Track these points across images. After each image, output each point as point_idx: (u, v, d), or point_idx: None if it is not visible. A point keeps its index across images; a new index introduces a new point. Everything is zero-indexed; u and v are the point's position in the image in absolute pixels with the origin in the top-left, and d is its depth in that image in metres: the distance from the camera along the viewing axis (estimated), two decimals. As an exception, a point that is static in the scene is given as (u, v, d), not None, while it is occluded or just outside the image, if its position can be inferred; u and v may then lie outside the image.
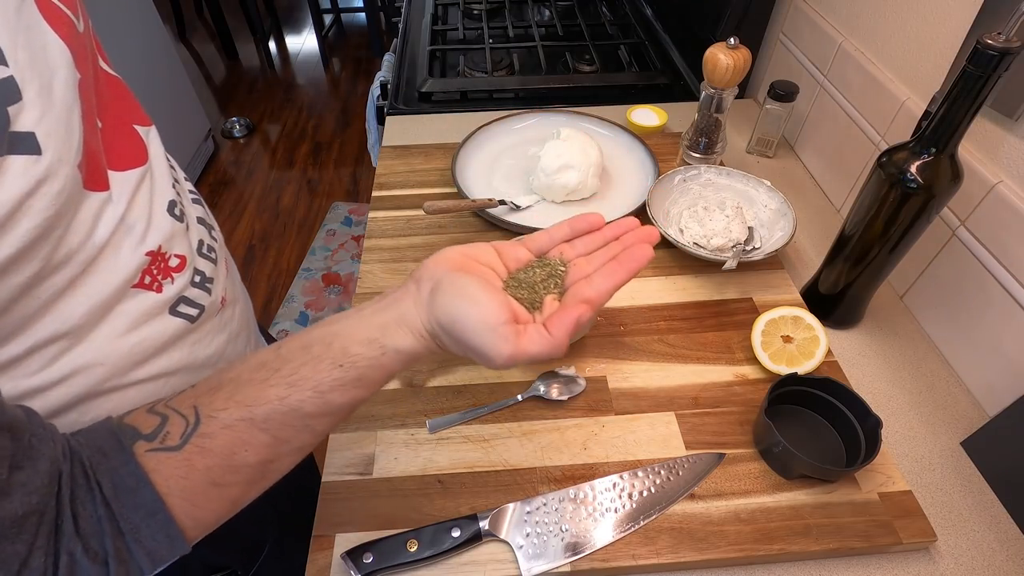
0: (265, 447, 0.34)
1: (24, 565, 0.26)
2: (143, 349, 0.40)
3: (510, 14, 1.31)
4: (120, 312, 0.38)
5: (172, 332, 0.42)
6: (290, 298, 1.91)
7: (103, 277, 0.36)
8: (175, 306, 0.42)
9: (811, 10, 0.88)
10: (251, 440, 0.33)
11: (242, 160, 2.55)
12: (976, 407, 0.62)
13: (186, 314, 0.43)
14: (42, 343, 0.34)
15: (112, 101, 0.41)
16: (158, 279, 0.40)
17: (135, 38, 1.96)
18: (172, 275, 0.41)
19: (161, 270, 0.40)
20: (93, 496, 0.30)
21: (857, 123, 0.78)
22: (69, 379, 0.36)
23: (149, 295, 0.39)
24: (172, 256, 0.41)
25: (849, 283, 0.65)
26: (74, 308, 0.35)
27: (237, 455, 0.33)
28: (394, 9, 2.97)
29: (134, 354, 0.39)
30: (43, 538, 0.27)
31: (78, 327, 0.35)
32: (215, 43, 3.28)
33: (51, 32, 0.34)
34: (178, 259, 0.42)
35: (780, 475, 0.54)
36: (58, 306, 0.34)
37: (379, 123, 1.15)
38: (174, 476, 0.31)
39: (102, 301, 0.36)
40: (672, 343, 0.66)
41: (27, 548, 0.27)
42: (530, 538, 0.50)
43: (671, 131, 0.96)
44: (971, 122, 0.50)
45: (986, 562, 0.51)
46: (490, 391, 0.61)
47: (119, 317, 0.38)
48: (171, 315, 0.41)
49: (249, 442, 0.33)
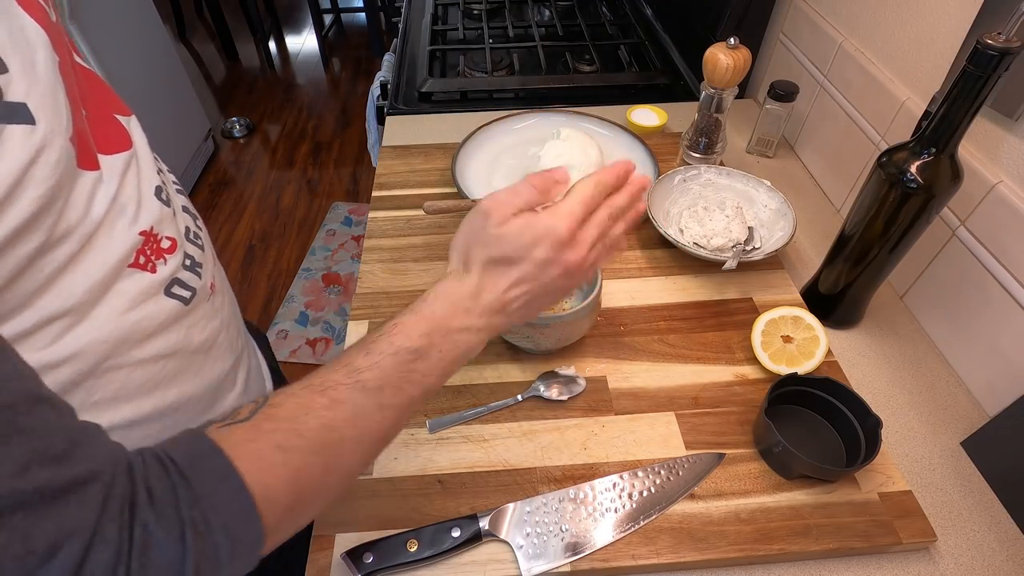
0: (324, 409, 0.35)
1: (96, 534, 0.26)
2: (142, 329, 0.41)
3: (510, 14, 1.31)
4: (118, 291, 0.39)
5: (168, 313, 0.43)
6: (290, 298, 1.91)
7: (100, 255, 0.37)
8: (169, 287, 0.43)
9: (811, 10, 0.88)
10: (312, 403, 0.35)
11: (242, 160, 2.55)
12: (976, 407, 0.62)
13: (180, 296, 0.44)
14: (47, 319, 0.35)
15: (91, 92, 0.42)
16: (152, 259, 0.41)
17: (135, 38, 1.96)
18: (164, 256, 0.42)
19: (154, 251, 0.41)
20: (167, 469, 0.29)
21: (857, 123, 0.78)
22: (76, 356, 0.37)
23: (144, 275, 0.40)
24: (163, 238, 0.42)
25: (849, 283, 0.65)
26: (75, 285, 0.36)
27: (299, 419, 0.34)
28: (394, 9, 2.96)
29: (134, 333, 0.40)
30: (114, 509, 0.26)
31: (80, 304, 0.36)
32: (215, 43, 3.28)
33: (26, 15, 0.34)
34: (169, 241, 0.43)
35: (780, 475, 0.54)
36: (60, 282, 0.35)
37: (379, 123, 1.15)
38: (242, 440, 0.32)
39: (101, 279, 0.37)
40: (672, 343, 0.66)
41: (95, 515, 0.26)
42: (530, 538, 0.50)
43: (671, 131, 0.96)
44: (971, 122, 0.50)
45: (986, 562, 0.51)
46: (490, 391, 0.61)
47: (117, 296, 0.39)
48: (166, 296, 0.42)
49: (310, 405, 0.35)
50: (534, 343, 0.61)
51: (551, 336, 0.60)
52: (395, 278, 0.73)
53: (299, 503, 0.34)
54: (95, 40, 1.70)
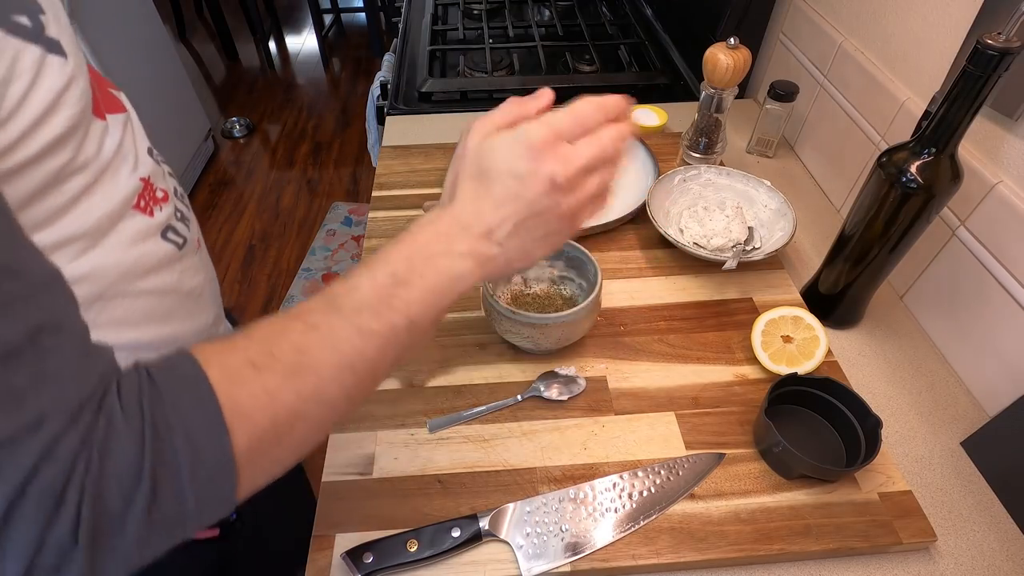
0: (300, 333, 0.34)
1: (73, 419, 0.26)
2: (144, 263, 0.45)
3: (510, 14, 1.31)
4: (123, 227, 0.43)
5: (164, 254, 0.47)
6: (290, 298, 1.91)
7: (109, 191, 0.42)
8: (165, 232, 0.47)
9: (811, 10, 0.88)
10: (287, 327, 0.34)
11: (242, 160, 2.55)
12: (976, 407, 0.62)
13: (174, 240, 0.48)
14: (67, 239, 0.39)
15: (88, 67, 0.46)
16: (150, 205, 0.46)
17: (135, 38, 1.96)
18: (160, 204, 0.47)
19: (151, 198, 0.46)
20: (139, 374, 0.29)
21: (857, 123, 0.78)
22: (89, 277, 0.41)
23: (144, 218, 0.45)
24: (158, 189, 0.47)
25: (849, 283, 0.65)
26: (90, 213, 0.40)
27: (274, 340, 0.33)
28: (394, 9, 2.96)
29: (137, 265, 0.44)
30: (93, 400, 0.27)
31: (93, 231, 0.40)
32: (215, 43, 3.28)
33: None
34: (162, 192, 0.48)
35: (780, 475, 0.54)
36: (77, 208, 0.39)
37: (379, 123, 1.15)
38: (214, 353, 0.31)
39: (109, 212, 0.41)
40: (672, 343, 0.66)
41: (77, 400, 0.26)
42: (530, 538, 0.50)
43: (671, 131, 0.96)
44: (971, 122, 0.50)
45: (986, 562, 0.51)
46: (490, 391, 0.61)
47: (123, 232, 0.43)
48: (162, 239, 0.47)
49: (286, 329, 0.34)
50: (534, 343, 0.61)
51: (551, 336, 0.60)
52: (395, 278, 0.72)
53: (274, 431, 0.32)
54: (95, 40, 1.70)
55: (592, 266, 0.63)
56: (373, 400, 0.60)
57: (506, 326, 0.60)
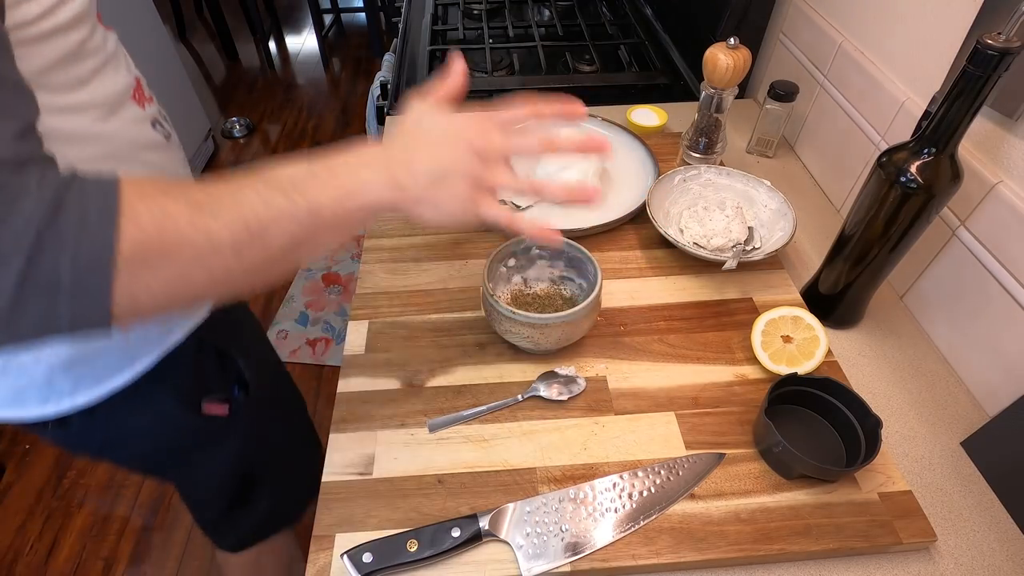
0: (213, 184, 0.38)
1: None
2: (142, 142, 0.54)
3: (510, 14, 1.31)
4: (126, 111, 0.52)
5: (155, 140, 0.56)
6: (290, 298, 1.91)
7: (114, 77, 0.51)
8: (154, 123, 0.56)
9: (811, 10, 0.88)
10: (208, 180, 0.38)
11: (242, 160, 2.54)
12: (976, 407, 0.62)
13: (162, 130, 0.58)
14: (91, 103, 0.48)
15: None
16: (143, 100, 0.55)
17: (135, 38, 1.96)
18: (148, 102, 0.56)
19: (142, 96, 0.55)
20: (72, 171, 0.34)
21: (857, 123, 0.78)
22: (110, 138, 0.50)
23: (139, 108, 0.54)
24: (146, 90, 0.57)
25: (849, 283, 0.65)
26: (104, 87, 0.49)
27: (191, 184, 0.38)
28: (394, 9, 2.96)
29: (137, 141, 0.53)
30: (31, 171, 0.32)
31: (108, 103, 0.49)
32: (215, 43, 3.28)
33: None
34: (149, 95, 0.57)
35: (780, 475, 0.54)
36: (94, 81, 0.48)
37: (379, 123, 1.15)
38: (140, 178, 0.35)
39: (116, 93, 0.51)
40: (672, 343, 0.66)
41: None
42: (530, 538, 0.50)
43: (671, 131, 0.96)
44: (971, 122, 0.50)
45: (986, 562, 0.51)
46: (490, 391, 0.61)
47: (126, 114, 0.52)
48: (152, 128, 0.56)
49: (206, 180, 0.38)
50: (534, 343, 0.61)
51: (551, 336, 0.60)
52: (395, 278, 0.73)
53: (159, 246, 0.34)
54: (95, 40, 1.70)
55: (592, 266, 0.63)
56: (373, 400, 0.60)
57: (506, 326, 0.60)
